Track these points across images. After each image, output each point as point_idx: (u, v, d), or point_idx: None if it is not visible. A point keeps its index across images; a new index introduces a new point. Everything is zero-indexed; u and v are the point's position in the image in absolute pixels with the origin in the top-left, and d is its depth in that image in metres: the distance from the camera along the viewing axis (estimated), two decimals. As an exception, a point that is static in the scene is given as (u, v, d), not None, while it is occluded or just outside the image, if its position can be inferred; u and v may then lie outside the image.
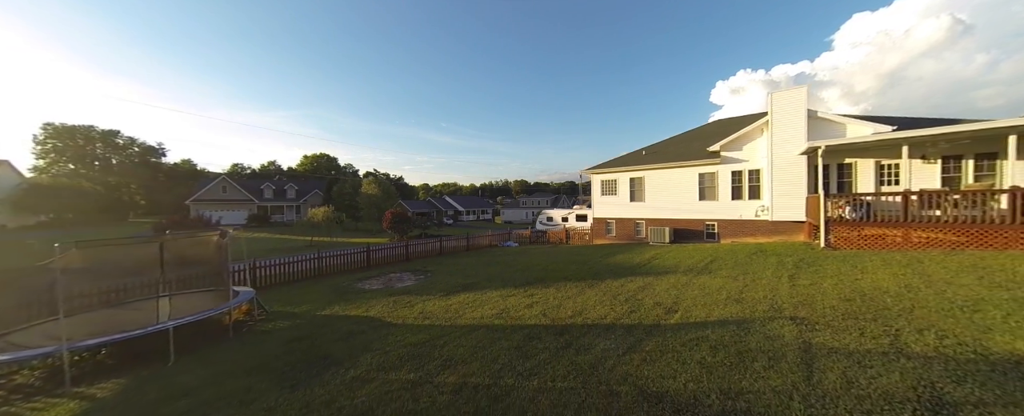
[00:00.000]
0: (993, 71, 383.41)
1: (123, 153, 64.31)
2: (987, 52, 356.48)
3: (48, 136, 56.18)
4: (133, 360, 5.76)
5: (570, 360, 4.65)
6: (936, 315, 4.95)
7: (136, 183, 62.30)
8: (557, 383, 4.09)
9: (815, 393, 3.47)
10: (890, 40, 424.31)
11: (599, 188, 19.44)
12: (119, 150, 64.04)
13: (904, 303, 5.49)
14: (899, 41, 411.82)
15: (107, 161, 62.79)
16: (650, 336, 5.24)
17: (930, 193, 8.82)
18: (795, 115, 12.45)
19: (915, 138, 9.05)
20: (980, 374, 3.52)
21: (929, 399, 3.21)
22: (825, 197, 10.02)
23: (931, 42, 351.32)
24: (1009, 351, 3.87)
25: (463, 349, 5.34)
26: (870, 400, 3.28)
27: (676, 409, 3.42)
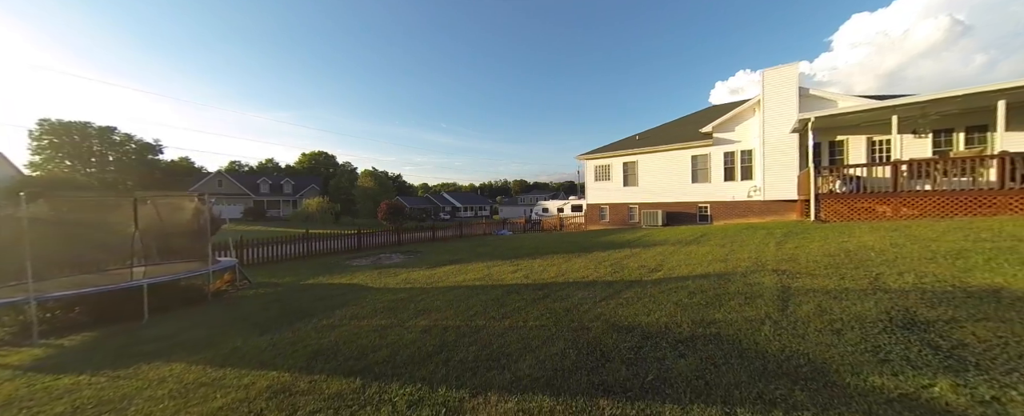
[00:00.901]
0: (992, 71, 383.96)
1: (120, 150, 64.10)
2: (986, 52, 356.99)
3: (44, 132, 55.97)
4: (107, 320, 5.66)
5: (546, 307, 4.57)
6: (918, 263, 4.87)
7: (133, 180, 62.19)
8: (529, 323, 4.02)
9: (787, 319, 3.40)
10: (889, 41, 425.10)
11: (593, 174, 19.35)
12: (116, 147, 63.83)
13: (888, 256, 5.42)
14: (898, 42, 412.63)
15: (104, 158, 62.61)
16: (630, 288, 5.16)
17: (919, 162, 8.75)
18: (787, 92, 12.37)
19: (904, 106, 8.97)
20: (955, 300, 3.44)
21: (901, 319, 3.14)
22: (815, 171, 9.94)
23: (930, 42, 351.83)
24: (987, 284, 3.79)
25: (440, 302, 5.27)
26: (841, 322, 3.20)
27: (645, 336, 3.34)
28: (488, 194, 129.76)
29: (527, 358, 3.06)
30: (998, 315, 3.02)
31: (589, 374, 2.69)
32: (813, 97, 12.48)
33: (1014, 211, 7.48)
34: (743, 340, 3.05)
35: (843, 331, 3.03)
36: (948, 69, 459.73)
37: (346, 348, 3.66)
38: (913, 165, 8.82)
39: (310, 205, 25.28)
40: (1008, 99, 7.99)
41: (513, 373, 2.80)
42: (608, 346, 3.17)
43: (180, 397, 2.87)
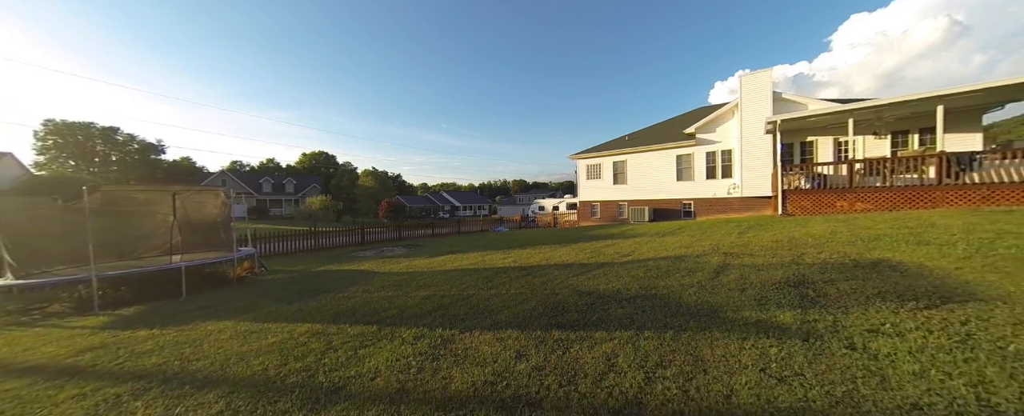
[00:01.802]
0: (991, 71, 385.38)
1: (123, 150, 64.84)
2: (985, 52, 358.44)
3: (48, 132, 56.72)
4: (149, 297, 6.54)
5: (527, 281, 5.47)
6: (839, 245, 5.79)
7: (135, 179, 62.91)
8: (511, 291, 4.92)
9: (711, 284, 4.31)
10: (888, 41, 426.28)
11: (585, 173, 20.27)
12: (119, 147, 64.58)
13: (820, 241, 6.33)
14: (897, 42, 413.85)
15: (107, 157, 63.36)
16: (600, 268, 6.06)
17: (872, 161, 9.67)
18: (762, 96, 13.29)
19: (858, 110, 9.88)
20: (845, 269, 4.36)
21: (794, 281, 4.05)
22: (782, 170, 10.86)
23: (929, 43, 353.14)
24: (877, 258, 4.71)
25: (438, 280, 6.17)
26: (748, 284, 4.12)
27: (599, 296, 4.25)
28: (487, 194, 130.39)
29: (505, 312, 3.96)
30: (865, 277, 3.93)
31: (549, 319, 3.59)
32: (785, 101, 13.40)
33: (950, 204, 8.40)
34: (671, 297, 3.95)
35: (746, 289, 3.94)
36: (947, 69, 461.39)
37: (362, 310, 4.56)
38: (867, 164, 9.74)
39: (314, 203, 26.17)
40: (946, 104, 8.91)
41: (493, 320, 3.70)
42: (569, 303, 4.07)
43: (239, 338, 3.77)
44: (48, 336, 4.51)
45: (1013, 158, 7.98)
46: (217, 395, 2.53)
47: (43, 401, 2.64)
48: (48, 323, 5.37)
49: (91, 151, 61.86)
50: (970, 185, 8.29)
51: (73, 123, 59.93)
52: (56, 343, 4.15)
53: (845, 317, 2.91)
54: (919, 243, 5.23)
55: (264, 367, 2.94)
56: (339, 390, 2.46)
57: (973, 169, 8.39)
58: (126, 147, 65.80)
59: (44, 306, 6.25)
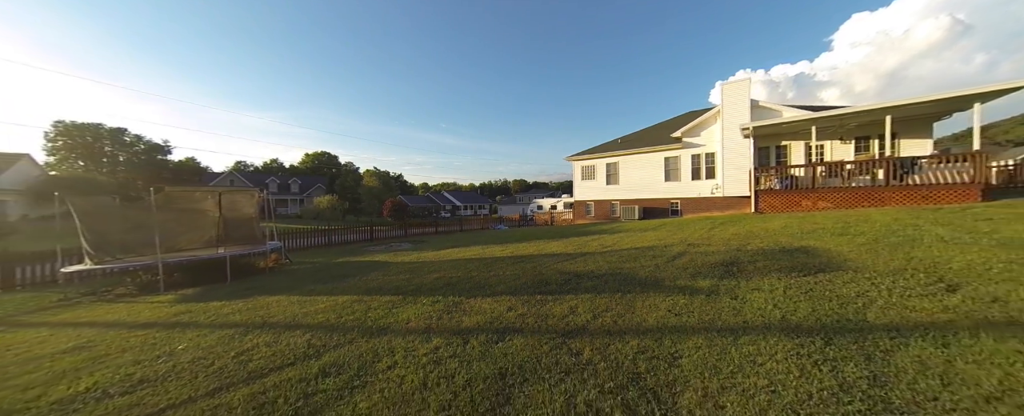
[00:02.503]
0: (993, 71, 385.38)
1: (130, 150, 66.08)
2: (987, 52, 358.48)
3: (58, 133, 57.96)
4: (197, 282, 7.68)
5: (520, 266, 6.60)
6: (782, 237, 6.91)
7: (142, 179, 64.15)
8: (507, 273, 6.05)
9: (666, 265, 5.44)
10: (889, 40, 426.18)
11: (580, 173, 21.41)
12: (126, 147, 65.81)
13: (770, 234, 7.45)
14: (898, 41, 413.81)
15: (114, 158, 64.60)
16: (582, 255, 7.19)
17: (831, 164, 10.78)
18: (741, 103, 14.39)
19: (821, 118, 10.99)
20: (771, 254, 5.48)
21: (728, 263, 5.17)
22: (755, 172, 11.98)
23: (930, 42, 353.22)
24: (799, 246, 5.84)
25: (446, 266, 7.31)
26: (692, 264, 5.25)
27: (576, 275, 5.38)
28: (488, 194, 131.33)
29: (501, 286, 5.09)
30: (780, 259, 5.06)
31: (534, 289, 4.72)
32: (762, 108, 14.50)
33: (895, 203, 9.52)
34: (631, 274, 5.08)
35: (689, 268, 5.08)
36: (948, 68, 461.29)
37: (386, 287, 5.70)
38: (827, 167, 10.86)
39: (322, 203, 27.35)
40: (893, 115, 10.02)
41: (491, 291, 4.84)
42: (551, 279, 5.20)
43: (296, 305, 4.90)
44: (136, 308, 5.65)
45: (948, 163, 9.10)
46: (299, 333, 3.67)
47: (177, 338, 3.79)
48: (124, 301, 6.51)
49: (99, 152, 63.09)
50: (912, 186, 9.40)
51: (82, 124, 61.06)
52: (149, 311, 5.29)
53: (744, 283, 4.04)
54: (840, 235, 6.36)
55: (325, 319, 4.09)
56: (384, 329, 3.60)
57: (914, 172, 9.50)
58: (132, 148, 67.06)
59: (110, 289, 7.41)
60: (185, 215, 7.93)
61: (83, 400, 2.55)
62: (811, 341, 2.49)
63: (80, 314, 5.54)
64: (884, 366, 2.11)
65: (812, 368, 2.16)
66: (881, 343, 2.37)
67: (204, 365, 3.03)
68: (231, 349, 3.36)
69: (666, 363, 2.40)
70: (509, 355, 2.72)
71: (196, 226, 8.20)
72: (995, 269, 3.55)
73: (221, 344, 3.53)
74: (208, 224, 8.28)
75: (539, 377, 2.36)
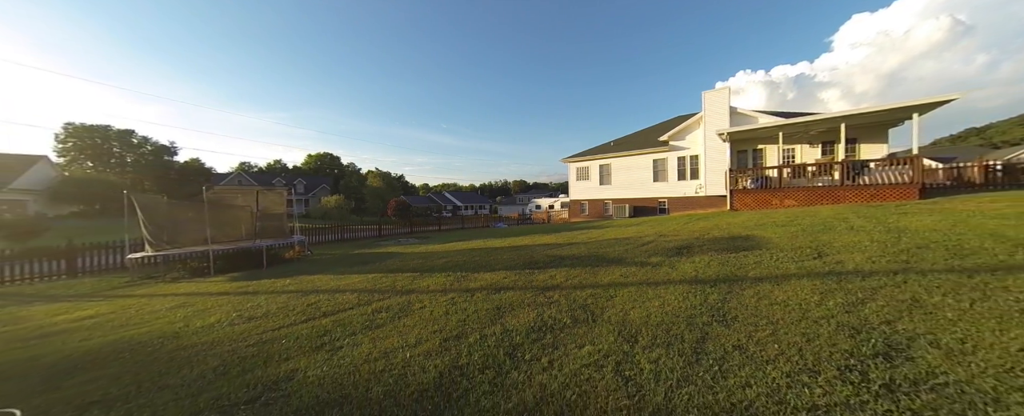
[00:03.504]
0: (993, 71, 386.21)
1: (137, 151, 67.45)
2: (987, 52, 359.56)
3: (68, 135, 59.34)
4: (237, 268, 8.93)
5: (515, 252, 7.85)
6: (737, 229, 8.15)
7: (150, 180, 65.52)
8: (504, 257, 7.29)
9: (633, 250, 6.68)
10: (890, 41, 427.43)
11: (575, 175, 22.68)
12: (133, 148, 67.19)
13: (730, 227, 8.69)
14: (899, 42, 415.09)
15: (122, 159, 65.99)
16: (569, 244, 8.44)
17: (796, 166, 12.03)
18: (721, 110, 15.65)
19: (786, 125, 12.25)
20: (718, 240, 6.72)
21: (683, 247, 6.41)
22: (730, 172, 13.24)
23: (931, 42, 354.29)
24: (743, 234, 7.08)
25: (452, 254, 8.56)
26: (654, 250, 6.49)
27: (560, 256, 6.62)
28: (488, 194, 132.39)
29: (499, 265, 6.34)
30: (722, 243, 6.30)
31: (525, 266, 5.97)
32: (740, 114, 15.77)
33: (848, 200, 10.76)
34: (604, 256, 6.33)
35: (650, 251, 6.33)
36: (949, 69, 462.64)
37: (405, 268, 6.95)
38: (793, 169, 12.11)
39: (329, 202, 28.67)
40: (846, 123, 11.28)
41: (491, 268, 6.09)
42: (540, 260, 6.45)
43: (335, 280, 6.16)
44: (201, 285, 6.91)
45: (892, 166, 10.35)
46: (348, 294, 4.92)
47: (252, 299, 5.04)
48: (184, 282, 7.76)
49: (108, 153, 64.52)
50: (863, 186, 10.65)
51: (92, 126, 62.51)
52: (215, 286, 6.55)
53: (685, 259, 5.29)
54: (783, 226, 7.61)
55: (363, 287, 5.35)
56: (411, 291, 4.86)
57: (865, 174, 10.75)
58: (140, 149, 68.47)
59: (165, 274, 8.67)
60: (229, 211, 9.19)
61: (219, 325, 3.81)
62: (701, 286, 3.74)
63: (157, 289, 6.81)
64: (735, 295, 3.36)
65: (691, 296, 3.41)
66: (743, 285, 3.62)
67: (286, 310, 4.28)
68: (300, 303, 4.62)
69: (605, 299, 3.66)
70: (502, 300, 3.98)
71: (238, 221, 9.46)
72: (862, 246, 4.80)
73: (290, 301, 4.79)
74: (247, 219, 9.54)
75: (521, 308, 3.62)
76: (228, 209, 9.21)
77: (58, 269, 9.29)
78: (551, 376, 2.20)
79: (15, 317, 5.12)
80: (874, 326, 2.41)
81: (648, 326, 2.83)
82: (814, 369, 1.99)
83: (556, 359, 2.42)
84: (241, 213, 9.41)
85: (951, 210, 7.02)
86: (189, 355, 3.05)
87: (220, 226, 9.37)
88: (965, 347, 2.04)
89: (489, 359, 2.50)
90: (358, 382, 2.33)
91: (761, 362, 2.12)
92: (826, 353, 2.14)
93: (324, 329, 3.46)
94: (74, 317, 4.84)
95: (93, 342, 3.63)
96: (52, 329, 4.29)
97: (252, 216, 9.98)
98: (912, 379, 1.81)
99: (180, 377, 2.62)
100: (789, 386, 1.86)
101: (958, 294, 2.77)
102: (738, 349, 2.31)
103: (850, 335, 2.32)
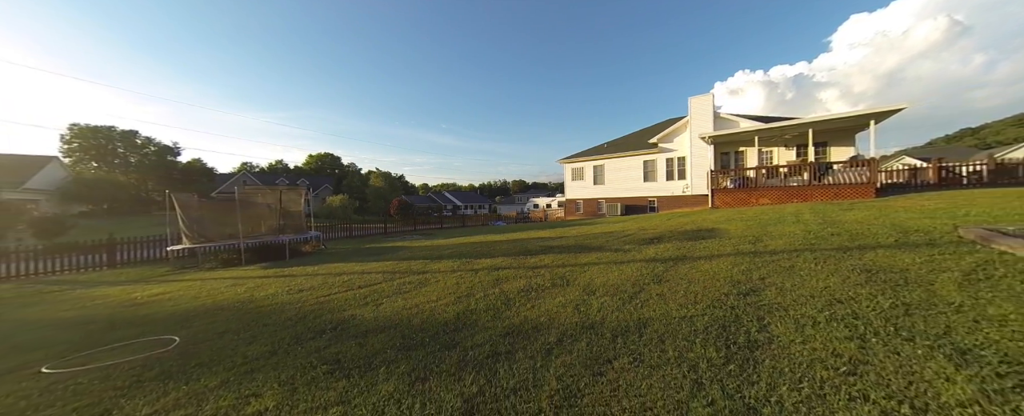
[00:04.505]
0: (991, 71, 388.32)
1: (140, 152, 68.35)
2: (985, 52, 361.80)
3: (74, 136, 60.25)
4: (262, 259, 9.98)
5: (512, 243, 8.92)
6: (706, 223, 9.22)
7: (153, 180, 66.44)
8: (502, 247, 8.36)
9: (614, 240, 7.76)
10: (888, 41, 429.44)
11: (570, 175, 23.78)
12: (137, 149, 68.09)
13: (704, 222, 9.76)
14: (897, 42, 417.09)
15: (126, 159, 66.92)
16: (559, 237, 9.51)
17: (769, 168, 13.13)
18: (705, 114, 16.74)
19: (762, 130, 13.34)
20: (686, 231, 7.80)
21: (654, 237, 7.48)
22: (710, 173, 14.34)
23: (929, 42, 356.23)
24: (708, 227, 8.16)
25: (456, 246, 9.63)
26: (630, 239, 7.57)
27: (551, 246, 7.69)
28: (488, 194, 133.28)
29: (498, 253, 7.42)
30: (688, 233, 7.39)
31: (519, 253, 7.04)
32: (722, 119, 16.87)
33: (815, 198, 11.87)
34: (587, 244, 7.41)
35: (627, 240, 7.40)
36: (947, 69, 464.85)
37: (416, 258, 8.02)
38: (767, 170, 13.21)
39: (334, 201, 29.77)
40: (814, 128, 12.37)
41: (491, 255, 7.16)
42: (532, 248, 7.52)
43: (358, 266, 7.22)
44: (238, 272, 7.96)
45: (853, 167, 11.45)
46: (374, 274, 5.99)
47: (291, 280, 6.11)
48: (219, 271, 8.81)
49: (112, 153, 65.44)
50: (828, 185, 11.75)
51: (96, 127, 63.40)
52: (252, 273, 7.61)
53: (653, 246, 6.37)
54: (744, 220, 8.69)
55: (385, 270, 6.42)
56: (426, 272, 5.93)
57: (829, 175, 11.85)
58: (143, 149, 69.37)
59: (198, 264, 9.72)
60: (255, 208, 10.26)
61: (278, 295, 4.88)
62: (654, 263, 4.83)
63: (201, 276, 7.87)
64: (675, 267, 4.44)
65: (643, 269, 4.50)
66: (686, 262, 4.70)
67: (326, 285, 5.35)
68: (336, 281, 5.69)
69: (578, 272, 4.74)
70: (500, 275, 5.06)
71: (260, 217, 10.52)
72: (792, 234, 5.88)
73: (327, 280, 5.86)
74: (270, 215, 10.60)
75: (515, 279, 4.70)
76: (254, 207, 10.27)
77: (101, 261, 10.35)
78: (532, 312, 3.28)
79: (95, 295, 6.18)
80: (751, 280, 3.50)
81: (605, 286, 3.91)
82: (697, 302, 3.07)
83: (537, 304, 3.50)
84: (265, 210, 10.48)
85: (887, 207, 8.11)
86: (268, 310, 4.12)
87: (247, 221, 10.43)
88: (793, 288, 3.13)
89: (490, 306, 3.58)
90: (400, 319, 3.41)
91: (668, 301, 3.20)
92: (711, 293, 3.22)
93: (363, 295, 4.53)
94: (149, 294, 5.91)
95: (183, 306, 4.70)
96: (140, 300, 5.37)
97: (274, 213, 11.05)
98: (754, 304, 2.89)
99: (272, 320, 3.69)
100: (677, 309, 2.95)
101: (823, 262, 3.85)
102: (658, 296, 3.39)
103: (733, 285, 3.41)
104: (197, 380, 2.42)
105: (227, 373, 2.49)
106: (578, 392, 1.89)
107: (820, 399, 1.63)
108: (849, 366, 1.85)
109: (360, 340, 2.94)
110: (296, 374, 2.39)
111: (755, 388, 1.76)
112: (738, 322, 2.59)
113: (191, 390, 2.28)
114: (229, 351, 2.91)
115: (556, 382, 2.00)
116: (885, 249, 4.19)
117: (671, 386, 1.87)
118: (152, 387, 2.37)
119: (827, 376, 1.80)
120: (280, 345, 2.98)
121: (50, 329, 4.13)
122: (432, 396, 1.97)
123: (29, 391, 2.45)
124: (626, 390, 1.87)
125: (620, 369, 2.10)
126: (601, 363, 2.19)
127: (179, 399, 2.17)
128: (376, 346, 2.78)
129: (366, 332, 3.13)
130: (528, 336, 2.73)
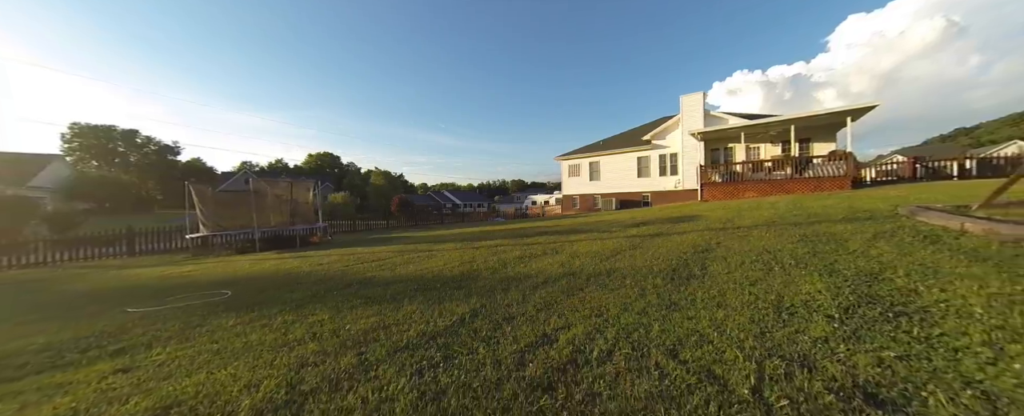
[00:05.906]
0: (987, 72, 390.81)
1: (141, 151, 68.76)
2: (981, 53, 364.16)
3: (74, 135, 60.66)
4: (275, 247, 10.62)
5: (510, 231, 9.58)
6: (691, 211, 9.91)
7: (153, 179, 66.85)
8: (500, 235, 9.03)
9: (603, 225, 8.43)
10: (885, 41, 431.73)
11: (567, 172, 24.46)
12: (137, 148, 68.49)
13: (688, 211, 10.46)
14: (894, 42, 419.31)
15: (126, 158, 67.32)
16: (554, 226, 10.18)
17: (754, 162, 13.83)
18: (696, 112, 17.44)
19: (747, 127, 14.03)
20: (670, 218, 8.48)
21: (640, 223, 8.16)
22: (700, 168, 15.03)
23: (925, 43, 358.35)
24: (690, 214, 8.83)
25: (458, 235, 10.29)
26: (617, 226, 8.23)
27: (546, 231, 8.35)
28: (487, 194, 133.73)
29: (497, 236, 8.08)
30: (672, 219, 8.06)
31: (516, 237, 7.70)
32: (712, 116, 17.57)
33: (796, 191, 12.56)
34: (578, 229, 8.07)
35: (615, 225, 8.07)
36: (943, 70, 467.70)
37: (421, 244, 8.67)
38: (753, 164, 13.90)
39: (336, 199, 30.38)
40: (795, 124, 13.07)
41: (491, 238, 7.82)
42: (528, 233, 8.19)
43: (370, 250, 7.87)
44: (255, 256, 8.60)
45: (831, 161, 12.15)
46: (384, 252, 6.65)
47: (307, 260, 6.76)
48: (237, 256, 9.44)
49: (112, 152, 65.84)
50: (809, 178, 12.45)
51: (96, 126, 63.83)
52: (270, 256, 8.24)
53: (636, 228, 7.04)
54: (725, 209, 9.37)
55: (392, 250, 7.08)
56: (432, 250, 6.59)
57: (810, 168, 12.54)
58: (143, 148, 69.76)
59: (214, 251, 10.35)
60: (267, 200, 10.90)
61: (301, 268, 5.54)
62: (633, 239, 5.49)
63: (222, 259, 8.50)
64: (649, 240, 5.10)
65: (623, 242, 5.16)
66: (660, 238, 5.37)
67: (343, 262, 6.00)
68: (350, 258, 6.34)
69: (568, 245, 5.40)
70: (499, 248, 5.72)
71: (270, 208, 11.16)
72: (760, 217, 6.56)
73: (341, 257, 6.51)
74: (281, 207, 11.24)
75: (512, 250, 5.36)
76: (266, 198, 10.91)
77: (120, 250, 10.98)
78: (525, 269, 3.94)
79: (129, 275, 6.82)
80: (709, 244, 4.17)
81: (588, 253, 4.58)
82: (661, 259, 3.74)
83: (529, 264, 4.17)
84: (276, 202, 11.12)
85: (853, 196, 8.80)
86: (297, 276, 4.78)
87: (260, 212, 11.07)
88: (740, 248, 3.80)
89: (490, 267, 4.24)
90: (414, 276, 4.07)
91: (637, 259, 3.87)
92: (675, 254, 3.90)
93: (379, 265, 5.19)
94: (180, 272, 6.55)
95: (219, 276, 5.35)
96: (172, 275, 6.01)
97: (285, 205, 11.69)
98: (703, 256, 3.57)
99: (304, 281, 4.35)
100: (643, 262, 3.62)
101: (775, 233, 4.52)
102: (631, 256, 4.06)
103: (692, 248, 4.08)
104: (260, 309, 3.08)
105: (281, 306, 3.15)
106: (555, 303, 2.56)
107: (721, 296, 2.30)
108: (751, 282, 2.53)
109: (384, 287, 3.60)
110: (339, 304, 3.05)
111: (681, 294, 2.43)
112: (686, 266, 3.26)
113: (260, 313, 2.94)
114: (277, 298, 3.57)
115: (540, 300, 2.67)
116: (831, 223, 4.87)
117: (623, 297, 2.53)
118: (226, 314, 3.03)
119: (733, 287, 2.47)
120: (318, 293, 3.63)
121: (109, 293, 4.78)
122: (446, 308, 2.63)
123: (128, 319, 3.11)
124: (590, 301, 2.53)
125: (589, 291, 2.77)
126: (575, 290, 2.86)
127: (253, 317, 2.83)
128: (399, 289, 3.44)
129: (388, 283, 3.79)
130: (521, 281, 3.39)
